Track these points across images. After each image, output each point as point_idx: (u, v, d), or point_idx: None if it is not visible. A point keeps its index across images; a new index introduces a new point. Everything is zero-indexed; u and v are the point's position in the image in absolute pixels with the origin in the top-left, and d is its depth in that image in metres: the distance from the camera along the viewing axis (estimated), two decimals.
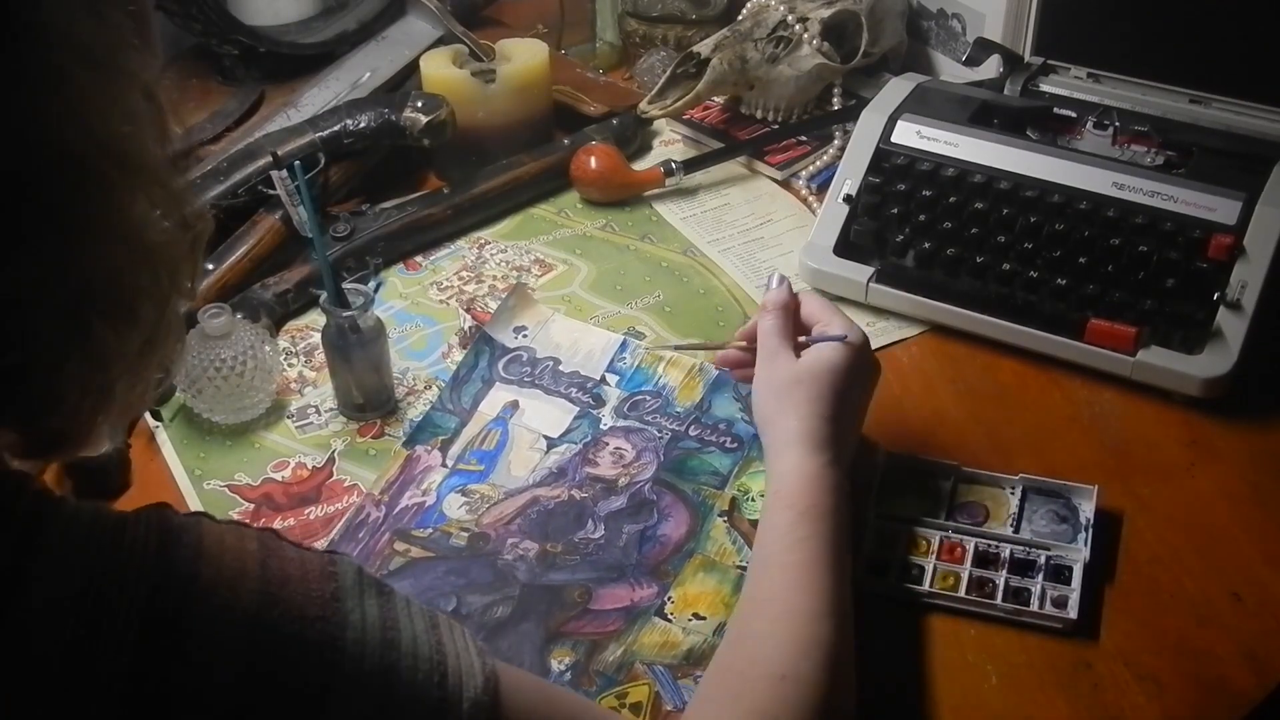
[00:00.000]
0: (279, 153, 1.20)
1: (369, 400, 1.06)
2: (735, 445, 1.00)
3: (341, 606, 0.59)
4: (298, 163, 1.01)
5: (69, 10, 0.50)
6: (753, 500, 0.96)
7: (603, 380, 1.07)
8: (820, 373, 0.91)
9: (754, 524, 0.93)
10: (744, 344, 0.98)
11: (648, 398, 1.05)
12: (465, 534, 0.94)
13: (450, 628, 0.64)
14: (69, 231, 0.51)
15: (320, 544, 0.94)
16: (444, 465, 1.00)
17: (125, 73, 0.52)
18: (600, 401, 1.05)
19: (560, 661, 0.85)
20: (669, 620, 0.88)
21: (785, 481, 0.87)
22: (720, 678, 0.78)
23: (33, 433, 0.56)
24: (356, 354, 1.03)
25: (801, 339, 0.95)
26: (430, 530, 0.95)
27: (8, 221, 0.49)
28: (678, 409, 1.04)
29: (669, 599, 0.89)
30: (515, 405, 1.05)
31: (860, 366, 0.93)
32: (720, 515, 0.95)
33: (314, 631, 0.57)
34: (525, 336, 1.11)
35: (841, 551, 0.84)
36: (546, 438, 1.02)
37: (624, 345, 1.10)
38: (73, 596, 0.53)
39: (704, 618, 0.88)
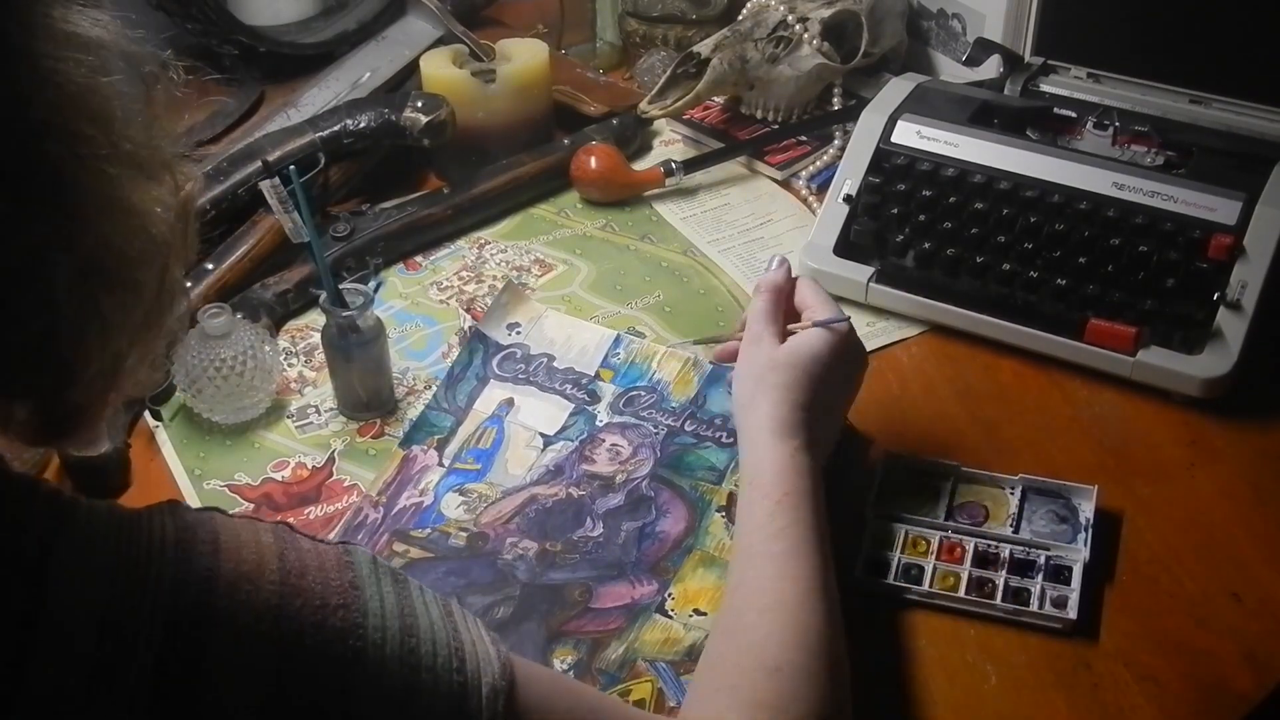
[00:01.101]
0: (277, 154, 1.20)
1: (369, 400, 1.06)
2: (731, 440, 1.00)
3: (360, 594, 0.59)
4: (293, 167, 1.01)
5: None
6: None
7: (597, 376, 1.07)
8: (798, 359, 0.90)
9: None
10: (742, 334, 0.97)
11: (643, 393, 1.05)
12: (464, 534, 0.94)
13: (463, 615, 0.64)
14: (69, 200, 0.51)
15: None
16: (441, 464, 1.00)
17: (95, 39, 0.53)
18: (595, 398, 1.05)
19: (563, 660, 0.85)
20: (670, 617, 0.88)
21: (759, 470, 0.86)
22: (715, 671, 0.78)
23: (50, 409, 0.56)
24: (356, 354, 1.03)
25: (790, 326, 0.95)
26: (429, 530, 0.95)
27: (22, 186, 0.50)
28: (673, 404, 1.04)
29: (669, 595, 0.89)
30: (510, 403, 1.05)
31: (843, 356, 0.93)
32: (718, 510, 0.95)
33: (336, 619, 0.57)
34: (519, 333, 1.11)
35: (822, 536, 0.84)
36: (543, 435, 1.02)
37: (617, 341, 1.10)
38: (95, 602, 0.53)
39: (705, 614, 0.88)
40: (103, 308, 0.53)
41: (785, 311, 0.95)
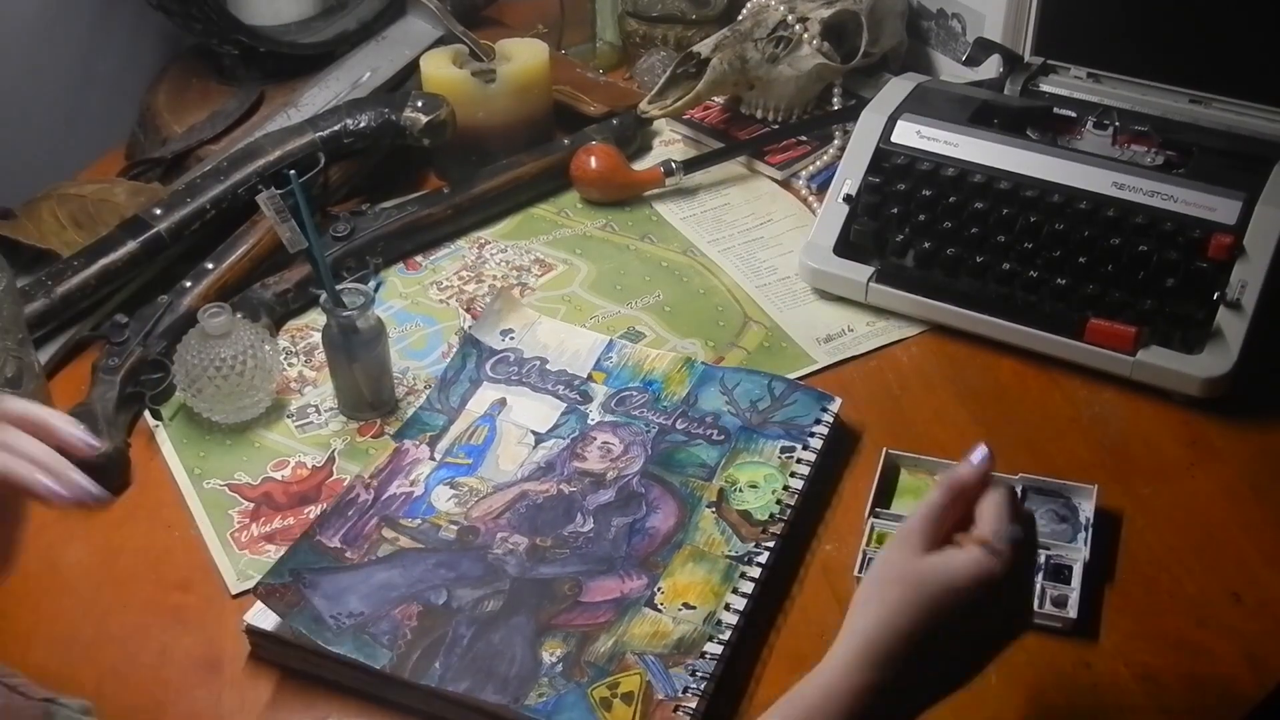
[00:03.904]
0: (277, 154, 1.20)
1: (370, 400, 1.06)
2: (722, 438, 1.01)
3: None
4: (292, 172, 1.01)
5: None
6: (740, 491, 0.96)
7: (589, 378, 1.07)
8: (930, 581, 0.71)
9: (742, 514, 0.94)
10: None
11: (634, 393, 1.05)
12: (454, 527, 0.95)
13: None
14: None
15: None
16: (432, 458, 1.00)
17: None
18: (587, 397, 1.06)
19: (552, 653, 0.85)
20: (659, 610, 0.88)
21: (808, 685, 0.72)
22: None
23: None
24: (357, 354, 1.03)
25: (958, 537, 0.75)
26: (419, 521, 0.95)
27: None
28: (664, 403, 1.04)
29: (659, 589, 0.89)
30: (503, 402, 1.05)
31: (989, 603, 0.72)
32: (708, 506, 0.95)
33: None
34: (512, 339, 1.11)
35: None
36: (534, 433, 1.03)
37: (610, 345, 1.10)
38: None
39: (694, 607, 0.88)
40: None
41: (959, 517, 0.75)
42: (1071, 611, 0.87)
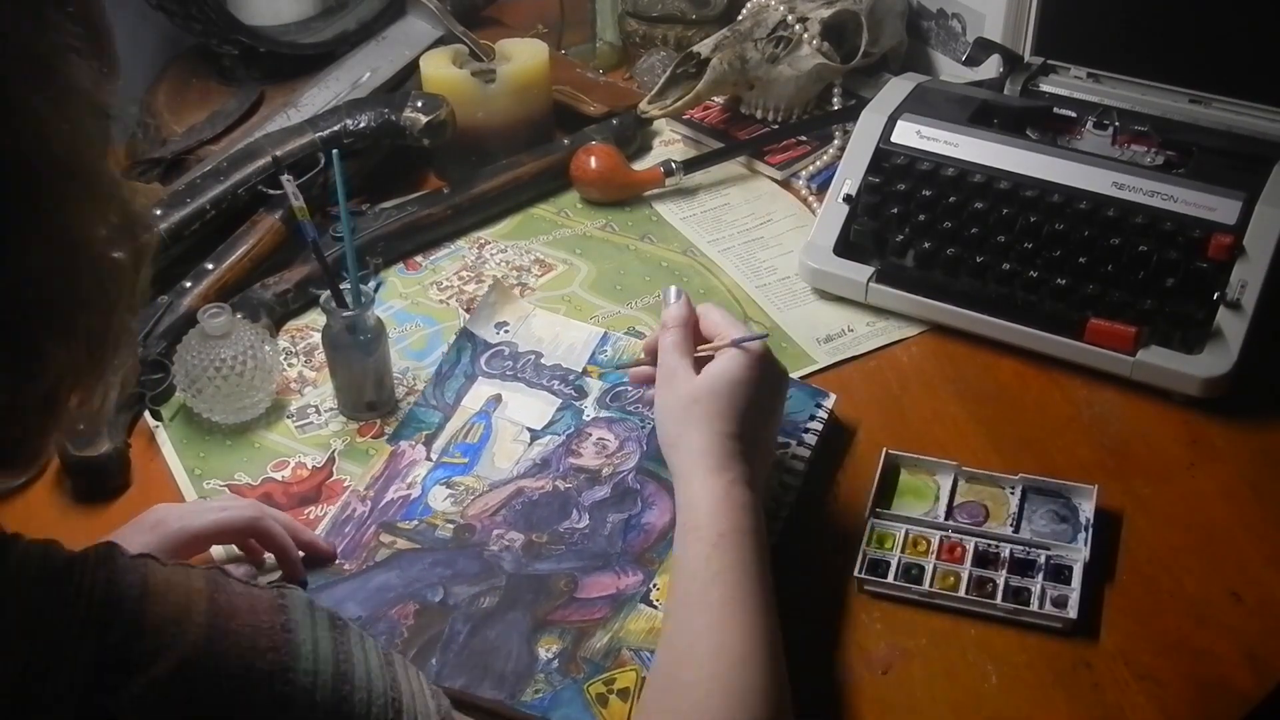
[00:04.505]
0: (277, 154, 1.20)
1: (369, 400, 1.06)
2: None
3: (292, 638, 0.58)
4: (335, 151, 1.02)
5: (8, 13, 0.49)
6: None
7: (584, 372, 1.07)
8: (719, 388, 0.87)
9: None
10: (649, 358, 0.96)
11: (629, 388, 1.05)
12: (451, 525, 0.95)
13: (405, 666, 0.63)
14: (6, 237, 0.50)
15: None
16: (428, 459, 1.01)
17: (70, 80, 0.52)
18: (582, 393, 1.06)
19: (548, 649, 0.85)
20: (655, 607, 0.88)
21: (694, 507, 0.83)
22: None
23: None
24: (357, 354, 1.03)
25: (702, 349, 0.92)
26: (416, 522, 0.95)
27: None
28: None
29: (654, 586, 0.90)
30: (498, 399, 1.05)
31: (764, 378, 0.89)
32: None
33: (264, 663, 0.56)
34: (507, 332, 1.11)
35: (763, 578, 0.80)
36: (530, 430, 1.03)
37: (605, 338, 1.10)
38: (19, 641, 0.53)
39: None
40: (36, 347, 0.52)
41: (694, 342, 0.93)
42: (1071, 611, 0.87)
